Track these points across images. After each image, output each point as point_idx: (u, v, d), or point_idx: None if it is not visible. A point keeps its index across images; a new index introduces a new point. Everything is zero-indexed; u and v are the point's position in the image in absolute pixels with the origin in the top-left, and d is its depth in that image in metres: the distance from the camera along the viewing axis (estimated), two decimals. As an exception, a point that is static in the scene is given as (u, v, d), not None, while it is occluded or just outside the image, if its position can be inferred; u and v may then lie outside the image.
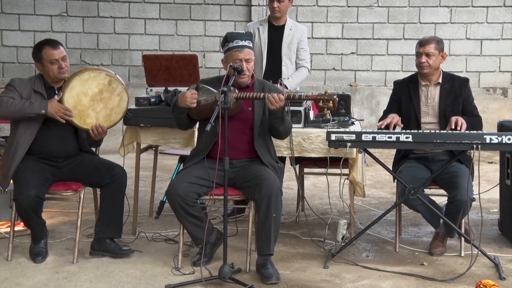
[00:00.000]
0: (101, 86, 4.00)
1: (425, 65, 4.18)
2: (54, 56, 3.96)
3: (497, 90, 9.02)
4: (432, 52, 4.16)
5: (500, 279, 3.70)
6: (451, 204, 3.99)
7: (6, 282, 3.62)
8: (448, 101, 4.23)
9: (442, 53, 4.23)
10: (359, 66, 9.09)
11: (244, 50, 3.86)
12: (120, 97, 4.04)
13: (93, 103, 3.99)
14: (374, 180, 6.60)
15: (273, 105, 3.67)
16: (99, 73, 4.02)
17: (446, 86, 4.26)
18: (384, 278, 3.74)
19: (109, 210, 4.01)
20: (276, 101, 3.66)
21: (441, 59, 4.23)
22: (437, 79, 4.27)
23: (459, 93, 4.24)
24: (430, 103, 4.26)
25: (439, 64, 4.23)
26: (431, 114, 4.26)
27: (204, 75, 6.70)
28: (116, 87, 4.03)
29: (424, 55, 4.16)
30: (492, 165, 7.11)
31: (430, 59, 4.17)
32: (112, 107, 4.03)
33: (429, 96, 4.27)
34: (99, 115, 4.00)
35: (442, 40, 4.28)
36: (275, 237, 3.74)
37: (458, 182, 3.97)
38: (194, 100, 3.76)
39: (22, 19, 8.80)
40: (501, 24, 8.94)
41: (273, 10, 5.08)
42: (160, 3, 8.95)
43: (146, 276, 3.72)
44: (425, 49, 4.16)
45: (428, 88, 4.28)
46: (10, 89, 3.97)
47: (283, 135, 3.93)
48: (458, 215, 3.96)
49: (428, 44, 4.17)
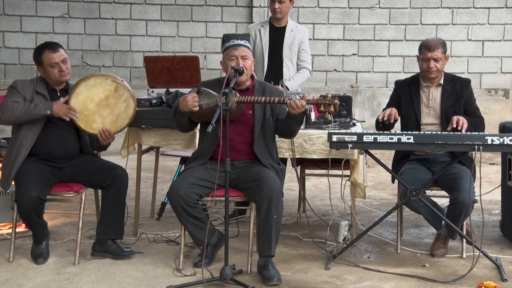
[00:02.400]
0: (107, 92, 4.01)
1: (433, 70, 4.14)
2: (54, 59, 3.96)
3: (499, 91, 9.01)
4: (439, 57, 4.13)
5: (502, 280, 3.69)
6: (453, 206, 3.98)
7: (7, 284, 3.62)
8: (449, 102, 4.22)
9: (446, 55, 4.22)
10: (360, 68, 9.09)
11: (240, 48, 3.87)
12: (127, 103, 4.04)
13: (99, 108, 4.00)
14: (375, 181, 6.60)
15: (295, 110, 3.68)
16: (105, 79, 4.03)
17: (447, 87, 4.25)
18: (385, 280, 3.74)
19: (111, 211, 4.02)
20: (298, 106, 3.66)
21: (445, 62, 4.22)
22: (439, 80, 4.27)
23: (461, 94, 4.24)
24: (432, 104, 4.26)
25: (444, 67, 4.22)
26: (433, 115, 4.26)
27: (206, 76, 6.72)
28: (123, 94, 4.03)
29: (433, 60, 4.12)
30: (494, 166, 7.11)
31: (438, 63, 4.14)
32: (119, 113, 4.03)
33: (431, 97, 4.26)
34: (105, 121, 4.00)
35: (445, 43, 4.25)
36: (276, 238, 3.74)
37: (460, 184, 3.96)
38: (195, 104, 3.76)
39: (24, 20, 8.81)
40: (502, 25, 8.93)
41: (274, 11, 5.08)
42: (162, 5, 8.96)
43: (147, 278, 3.72)
44: (433, 54, 4.11)
45: (430, 89, 4.27)
46: (13, 92, 3.97)
47: (294, 136, 3.97)
48: (460, 216, 3.96)
49: (436, 49, 4.11)
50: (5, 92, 4.11)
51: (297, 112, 3.68)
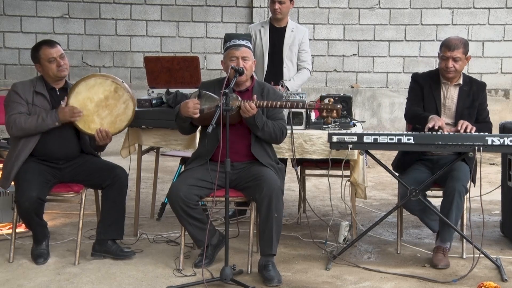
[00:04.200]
0: (107, 93, 4.01)
1: (451, 70, 4.07)
2: (51, 54, 3.96)
3: (499, 92, 9.01)
4: (459, 57, 4.05)
5: (502, 281, 3.69)
6: (444, 195, 3.95)
7: (7, 284, 3.62)
8: (466, 103, 4.16)
9: (467, 56, 4.13)
10: (360, 68, 9.09)
11: (241, 48, 3.86)
12: (126, 104, 4.04)
13: (98, 109, 4.00)
14: (375, 181, 6.60)
15: (245, 114, 3.69)
16: (105, 79, 4.03)
17: (465, 88, 4.18)
18: (385, 280, 3.74)
19: (111, 212, 4.02)
20: (248, 110, 3.67)
21: (465, 62, 4.14)
22: (458, 80, 4.19)
23: (477, 96, 4.18)
24: (448, 103, 4.20)
25: (463, 67, 4.15)
26: (447, 114, 4.20)
27: (206, 76, 6.71)
28: (122, 95, 4.03)
29: (452, 60, 4.04)
30: (494, 166, 7.11)
31: (457, 63, 4.07)
32: (117, 114, 4.03)
33: (448, 96, 4.20)
34: (103, 121, 4.00)
35: (468, 43, 4.16)
36: (277, 237, 3.74)
37: (453, 174, 3.94)
38: (196, 110, 3.75)
39: (24, 21, 8.82)
40: (502, 26, 8.94)
41: (275, 12, 5.08)
42: (162, 5, 8.97)
43: (147, 278, 3.72)
44: (453, 54, 4.04)
45: (448, 87, 4.21)
46: (15, 99, 3.94)
47: (267, 140, 3.89)
48: (452, 206, 3.88)
49: (457, 49, 4.03)
50: (5, 92, 4.11)
51: (247, 116, 3.69)
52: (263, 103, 3.73)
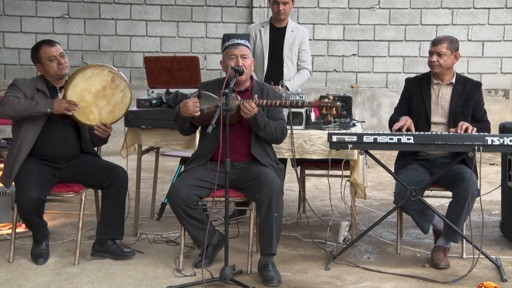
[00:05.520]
0: (104, 83, 4.00)
1: (435, 65, 4.15)
2: (52, 53, 3.97)
3: (499, 92, 9.01)
4: (443, 52, 4.13)
5: (502, 281, 3.70)
6: (455, 197, 3.94)
7: (7, 284, 3.62)
8: (459, 102, 4.19)
9: (455, 53, 4.19)
10: (360, 68, 9.09)
11: (239, 47, 3.87)
12: (123, 93, 4.05)
13: (96, 99, 3.99)
14: (375, 181, 6.60)
15: (246, 114, 3.69)
16: (102, 69, 4.02)
17: (458, 88, 4.22)
18: (385, 280, 3.74)
19: (111, 212, 4.02)
20: (248, 109, 3.67)
21: (453, 59, 4.19)
22: (450, 79, 4.24)
23: (471, 96, 4.20)
24: (440, 102, 4.22)
25: (451, 64, 4.19)
26: (440, 113, 4.22)
27: (206, 77, 6.71)
28: (119, 84, 4.03)
29: (436, 54, 4.14)
30: (494, 166, 7.11)
31: (442, 58, 4.13)
32: (115, 103, 4.03)
33: (440, 95, 4.23)
34: (102, 111, 4.00)
35: (456, 40, 4.24)
36: (277, 236, 3.74)
37: (462, 177, 3.93)
38: (196, 109, 3.76)
39: (24, 21, 8.81)
40: (502, 26, 8.93)
41: (279, 13, 5.06)
42: (162, 5, 8.96)
43: (147, 278, 3.73)
44: (436, 49, 4.14)
45: (440, 87, 4.24)
46: (14, 88, 3.97)
47: (268, 140, 3.90)
48: (463, 208, 3.88)
49: (440, 43, 4.14)
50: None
51: (248, 116, 3.69)
52: (263, 102, 3.73)
